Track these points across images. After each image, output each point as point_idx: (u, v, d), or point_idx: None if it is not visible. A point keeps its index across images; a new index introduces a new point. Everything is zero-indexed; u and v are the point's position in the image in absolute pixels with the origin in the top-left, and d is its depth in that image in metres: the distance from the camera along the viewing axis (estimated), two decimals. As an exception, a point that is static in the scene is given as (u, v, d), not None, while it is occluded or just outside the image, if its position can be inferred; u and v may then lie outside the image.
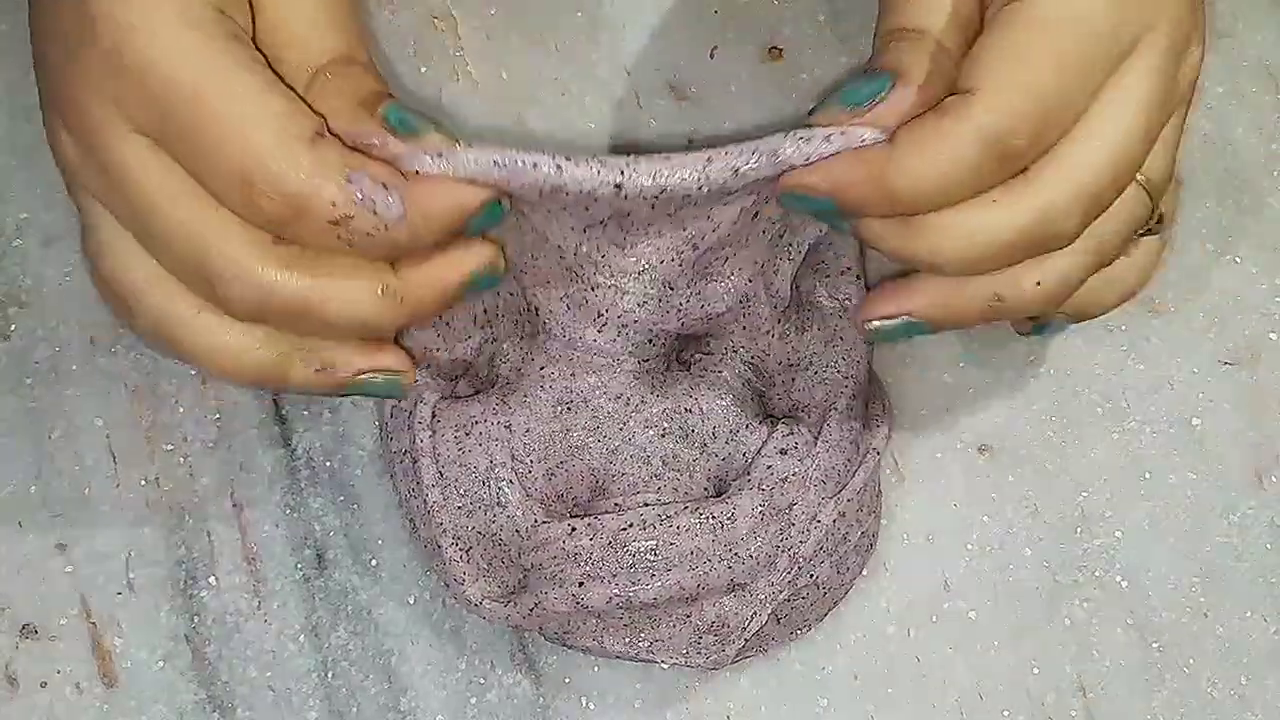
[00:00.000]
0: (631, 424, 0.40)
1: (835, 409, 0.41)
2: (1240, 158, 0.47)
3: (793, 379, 0.42)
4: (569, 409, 0.40)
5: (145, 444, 0.44)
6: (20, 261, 0.45)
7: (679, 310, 0.39)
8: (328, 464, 0.44)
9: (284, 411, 0.44)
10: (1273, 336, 0.46)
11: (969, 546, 0.44)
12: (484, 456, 0.40)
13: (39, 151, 0.45)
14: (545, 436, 0.40)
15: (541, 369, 0.40)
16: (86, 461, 0.43)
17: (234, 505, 0.44)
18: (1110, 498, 0.44)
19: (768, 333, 0.41)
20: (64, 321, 0.44)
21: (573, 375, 0.40)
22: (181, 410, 0.44)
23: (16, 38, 0.45)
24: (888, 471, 0.44)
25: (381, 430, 0.43)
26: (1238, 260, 0.46)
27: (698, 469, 0.41)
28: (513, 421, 0.40)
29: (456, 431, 0.40)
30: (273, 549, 0.43)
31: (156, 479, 0.44)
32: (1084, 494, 0.44)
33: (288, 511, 0.44)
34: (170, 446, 0.44)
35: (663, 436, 0.40)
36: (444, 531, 0.40)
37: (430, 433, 0.40)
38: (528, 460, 0.40)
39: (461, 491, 0.40)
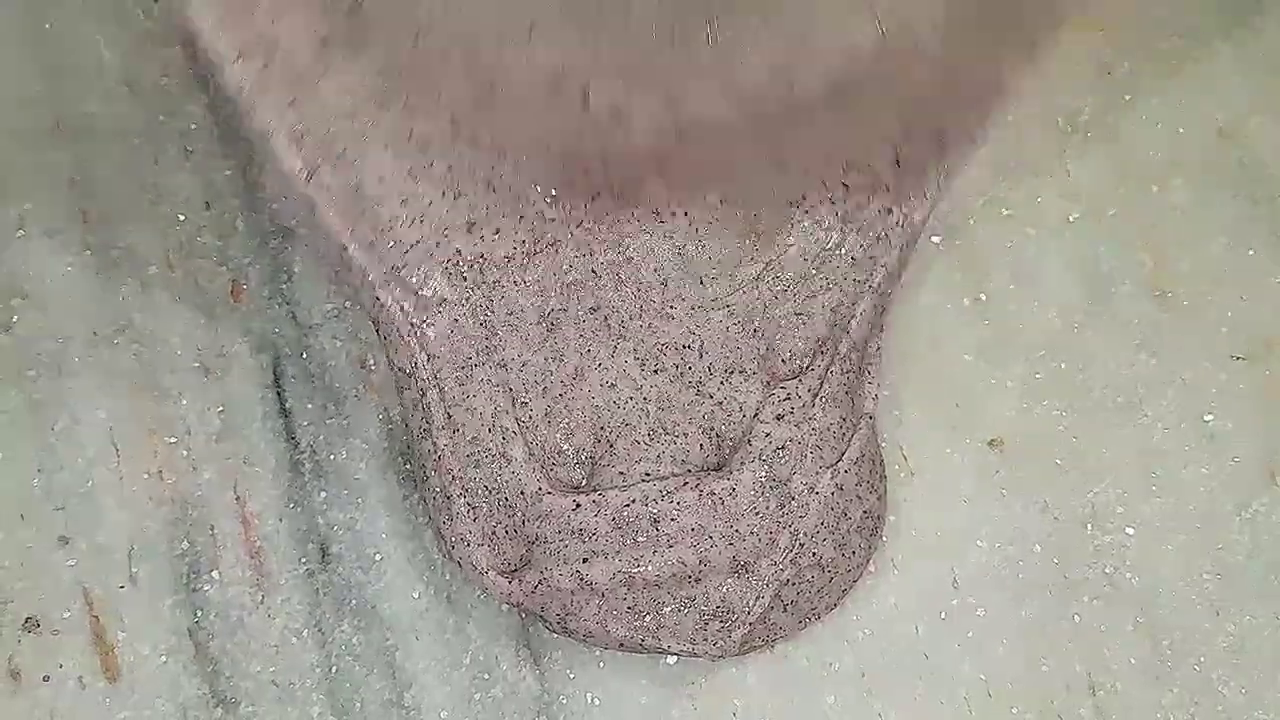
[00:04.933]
0: (621, 349, 0.41)
1: (839, 349, 0.41)
2: (1254, 150, 0.46)
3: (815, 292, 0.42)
4: (552, 326, 0.41)
5: (148, 437, 0.44)
6: (23, 253, 0.44)
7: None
8: (332, 458, 0.44)
9: (288, 405, 0.44)
10: (1286, 331, 0.45)
11: (978, 543, 0.44)
12: (488, 402, 0.41)
13: (42, 143, 0.45)
14: (539, 366, 0.41)
15: (506, 257, 0.41)
16: (89, 454, 0.43)
17: (237, 499, 0.43)
18: (1121, 494, 0.44)
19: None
20: (67, 314, 0.44)
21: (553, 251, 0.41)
22: (185, 403, 0.44)
23: (17, 31, 0.45)
24: (896, 467, 0.44)
25: (382, 342, 0.42)
26: (1251, 253, 0.46)
27: (693, 419, 0.41)
28: (507, 358, 0.41)
29: (457, 372, 0.41)
30: (276, 543, 0.43)
31: (159, 472, 0.43)
32: (1094, 490, 0.44)
33: (291, 506, 0.43)
34: (173, 440, 0.44)
35: (655, 373, 0.41)
36: (454, 480, 0.41)
37: (427, 356, 0.40)
38: (528, 399, 0.41)
39: (470, 438, 0.41)
